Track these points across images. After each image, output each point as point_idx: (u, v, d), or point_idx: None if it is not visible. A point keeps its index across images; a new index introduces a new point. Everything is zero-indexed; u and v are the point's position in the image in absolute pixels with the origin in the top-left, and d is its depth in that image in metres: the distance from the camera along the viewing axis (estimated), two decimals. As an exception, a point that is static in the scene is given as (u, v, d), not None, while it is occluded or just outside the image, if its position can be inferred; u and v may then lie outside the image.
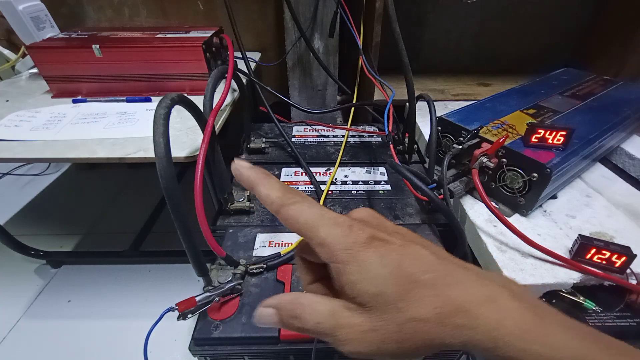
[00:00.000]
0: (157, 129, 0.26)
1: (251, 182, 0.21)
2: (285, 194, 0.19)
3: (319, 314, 0.17)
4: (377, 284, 0.16)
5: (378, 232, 0.18)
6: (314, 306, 0.17)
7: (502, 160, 0.39)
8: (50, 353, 0.55)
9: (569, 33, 0.78)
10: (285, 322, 0.18)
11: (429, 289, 0.16)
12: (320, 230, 0.17)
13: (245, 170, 0.22)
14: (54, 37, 0.58)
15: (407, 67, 0.44)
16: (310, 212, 0.18)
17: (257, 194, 0.20)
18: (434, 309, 0.15)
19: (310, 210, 0.18)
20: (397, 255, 0.17)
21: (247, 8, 0.68)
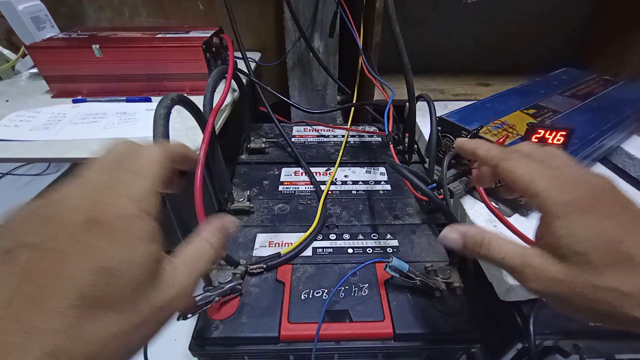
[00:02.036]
0: (157, 129, 0.26)
1: (472, 148, 0.25)
2: (504, 151, 0.23)
3: (507, 252, 0.20)
4: (585, 246, 0.17)
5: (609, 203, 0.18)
6: (503, 244, 0.21)
7: (502, 160, 0.39)
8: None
9: (569, 33, 0.78)
10: (469, 247, 0.22)
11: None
12: (537, 183, 0.20)
13: (465, 142, 0.26)
14: (54, 37, 0.58)
15: (407, 67, 0.44)
16: (527, 166, 0.21)
17: (478, 156, 0.24)
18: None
19: (528, 164, 0.21)
20: (619, 232, 0.17)
21: (247, 8, 0.68)
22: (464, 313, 0.34)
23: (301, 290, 0.36)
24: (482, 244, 0.21)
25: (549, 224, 0.19)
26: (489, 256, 0.21)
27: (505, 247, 0.20)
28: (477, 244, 0.21)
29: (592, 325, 0.32)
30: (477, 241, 0.21)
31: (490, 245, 0.21)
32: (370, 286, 0.36)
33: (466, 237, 0.22)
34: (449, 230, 0.23)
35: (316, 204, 0.46)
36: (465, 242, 0.22)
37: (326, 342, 0.32)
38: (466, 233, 0.22)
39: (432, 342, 0.33)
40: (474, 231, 0.22)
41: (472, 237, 0.22)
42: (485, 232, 0.21)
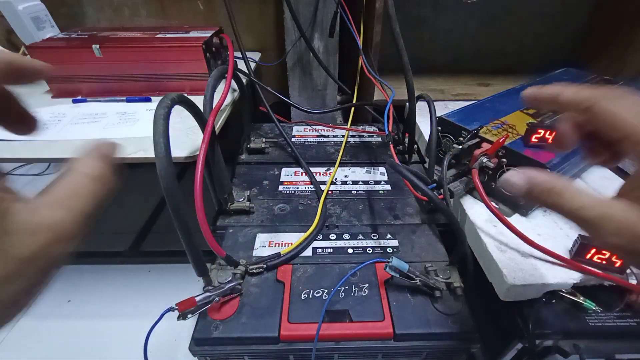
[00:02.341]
0: (157, 129, 0.26)
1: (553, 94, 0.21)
2: (599, 89, 0.19)
3: (584, 201, 0.18)
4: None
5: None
6: (580, 193, 0.18)
7: (502, 160, 0.39)
8: (50, 353, 0.55)
9: (569, 33, 0.78)
10: (534, 194, 0.19)
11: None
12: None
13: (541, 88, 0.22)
14: (54, 37, 0.58)
15: (407, 67, 0.44)
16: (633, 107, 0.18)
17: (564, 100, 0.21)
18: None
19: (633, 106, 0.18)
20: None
21: (247, 8, 0.68)
22: (464, 313, 0.34)
23: (301, 290, 0.36)
24: (553, 191, 0.18)
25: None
26: (560, 206, 0.18)
27: (581, 196, 0.18)
28: (545, 191, 0.19)
29: (592, 324, 0.32)
30: (547, 188, 0.19)
31: (563, 194, 0.18)
32: (370, 286, 0.36)
33: (533, 182, 0.19)
34: (513, 174, 0.20)
35: (316, 204, 0.46)
36: (532, 188, 0.19)
37: (326, 342, 0.32)
38: (534, 178, 0.19)
39: (432, 342, 0.33)
40: (543, 176, 0.19)
41: (540, 183, 0.19)
42: (557, 178, 0.19)
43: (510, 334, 0.34)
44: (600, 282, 0.33)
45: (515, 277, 0.32)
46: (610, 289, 0.33)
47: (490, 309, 0.38)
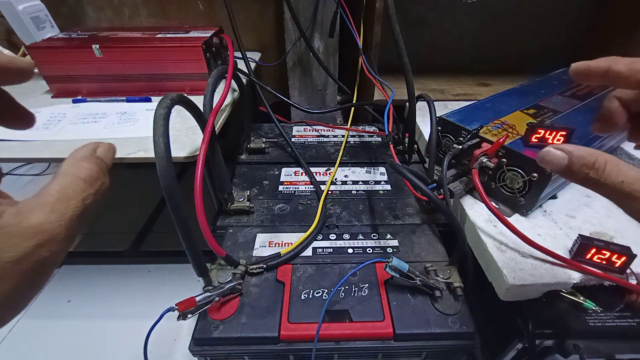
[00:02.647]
0: (157, 129, 0.26)
1: (604, 66, 0.20)
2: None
3: (627, 176, 0.17)
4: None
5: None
6: (622, 167, 0.18)
7: (502, 160, 0.39)
8: (50, 353, 0.55)
9: (569, 33, 0.78)
10: (574, 168, 0.19)
11: None
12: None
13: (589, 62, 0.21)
14: (54, 37, 0.58)
15: (407, 67, 0.44)
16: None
17: (616, 72, 0.20)
18: None
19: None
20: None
21: (247, 8, 0.68)
22: (464, 313, 0.34)
23: (301, 290, 0.36)
24: (594, 165, 0.18)
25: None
26: (601, 180, 0.18)
27: (624, 170, 0.18)
28: (586, 165, 0.18)
29: (592, 324, 0.32)
30: (588, 162, 0.18)
31: (605, 167, 0.18)
32: (370, 286, 0.36)
33: (573, 156, 0.19)
34: (551, 149, 0.20)
35: (316, 204, 0.46)
36: (572, 162, 0.19)
37: (326, 342, 0.32)
38: (574, 152, 0.19)
39: (432, 342, 0.33)
40: (584, 151, 0.19)
41: (581, 157, 0.19)
42: (599, 152, 0.18)
43: (510, 334, 0.34)
44: (600, 282, 0.33)
45: (515, 277, 0.32)
46: (610, 289, 0.33)
47: (490, 309, 0.38)
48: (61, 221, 0.14)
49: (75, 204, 0.15)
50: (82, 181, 0.16)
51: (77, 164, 0.16)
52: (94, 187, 0.16)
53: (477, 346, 0.33)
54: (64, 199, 0.15)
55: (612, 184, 0.18)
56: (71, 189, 0.15)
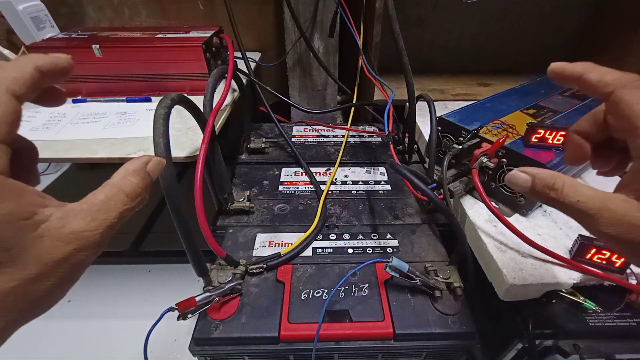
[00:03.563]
0: (157, 129, 0.26)
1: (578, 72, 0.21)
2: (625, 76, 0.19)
3: (583, 195, 0.19)
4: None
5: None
6: (578, 187, 0.19)
7: (502, 160, 0.39)
8: (50, 353, 0.55)
9: (569, 33, 0.78)
10: (537, 190, 0.21)
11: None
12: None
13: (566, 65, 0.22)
14: (54, 37, 0.58)
15: (407, 67, 0.44)
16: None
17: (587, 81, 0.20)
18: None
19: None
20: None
21: (247, 8, 0.68)
22: (464, 313, 0.34)
23: (301, 290, 0.36)
24: (554, 186, 0.20)
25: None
26: (560, 200, 0.20)
27: (580, 190, 0.19)
28: (547, 187, 0.20)
29: (592, 324, 0.32)
30: (548, 184, 0.20)
31: (563, 188, 0.20)
32: (370, 286, 0.36)
33: (536, 178, 0.21)
34: (518, 171, 0.22)
35: (316, 204, 0.46)
36: (535, 184, 0.21)
37: (326, 342, 0.32)
38: (537, 175, 0.21)
39: (432, 342, 0.33)
40: (545, 173, 0.21)
41: (542, 179, 0.21)
42: (559, 175, 0.20)
43: (510, 334, 0.34)
44: (600, 282, 0.33)
45: (515, 277, 0.32)
46: (610, 289, 0.33)
47: (490, 308, 0.38)
48: (98, 230, 0.15)
49: (114, 215, 0.16)
50: (125, 195, 0.17)
51: (126, 178, 0.17)
52: (133, 202, 0.17)
53: (477, 346, 0.33)
54: (105, 209, 0.16)
55: (569, 203, 0.19)
56: (114, 201, 0.16)
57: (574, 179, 0.20)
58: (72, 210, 0.15)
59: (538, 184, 0.21)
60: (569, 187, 0.19)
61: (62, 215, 0.15)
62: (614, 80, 0.19)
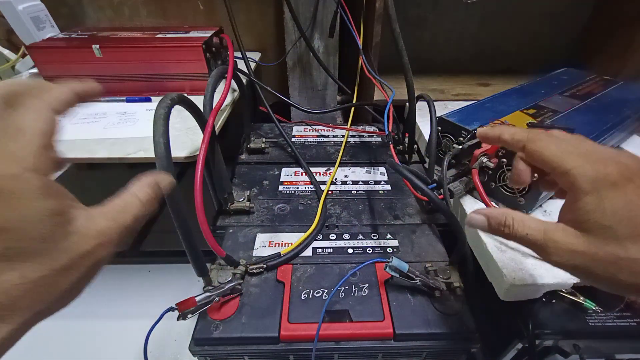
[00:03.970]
0: (157, 129, 0.26)
1: (496, 135, 0.26)
2: (530, 132, 0.23)
3: (530, 228, 0.21)
4: (611, 219, 0.18)
5: (638, 181, 0.19)
6: (525, 221, 0.22)
7: (502, 160, 0.39)
8: (50, 353, 0.55)
9: (569, 33, 0.78)
10: (493, 228, 0.23)
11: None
12: (567, 161, 0.20)
13: (487, 130, 0.27)
14: (54, 37, 0.58)
15: (407, 67, 0.44)
16: (557, 145, 0.21)
17: (503, 140, 0.25)
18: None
19: (557, 144, 0.21)
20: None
21: (247, 8, 0.68)
22: (464, 313, 0.34)
23: (301, 290, 0.36)
24: (506, 223, 0.22)
25: (577, 200, 0.20)
26: (512, 235, 0.22)
27: (527, 223, 0.21)
28: (500, 224, 0.23)
29: (592, 324, 0.32)
30: (501, 221, 0.23)
31: (513, 224, 0.22)
32: (370, 286, 0.36)
33: (490, 218, 0.23)
34: (474, 214, 0.25)
35: (316, 204, 0.46)
36: (490, 223, 0.23)
37: (326, 342, 0.32)
38: (490, 215, 0.23)
39: (432, 342, 0.33)
40: (496, 212, 0.23)
41: (495, 218, 0.23)
42: (507, 212, 0.23)
43: (510, 334, 0.34)
44: (600, 282, 0.33)
45: (515, 277, 0.32)
46: (610, 289, 0.33)
47: (490, 309, 0.38)
48: (118, 229, 0.18)
49: (130, 218, 0.18)
50: (140, 202, 0.19)
51: (142, 188, 0.20)
52: (146, 209, 0.20)
53: (477, 346, 0.33)
54: (123, 212, 0.18)
55: (520, 236, 0.22)
56: (131, 206, 0.19)
57: (522, 214, 0.22)
58: (96, 212, 0.18)
59: (492, 222, 0.23)
60: (517, 222, 0.22)
61: (89, 216, 0.17)
62: (522, 137, 0.23)
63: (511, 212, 0.23)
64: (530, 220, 0.22)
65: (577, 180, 0.20)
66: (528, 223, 0.22)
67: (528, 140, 0.23)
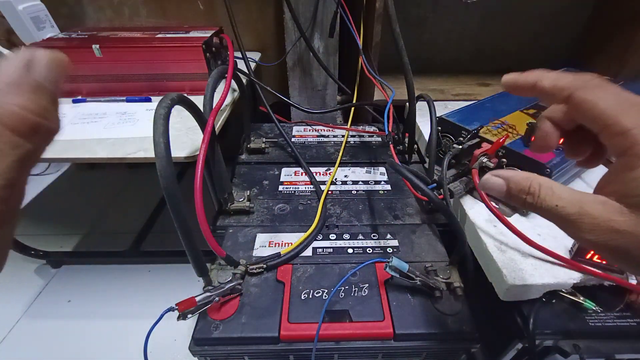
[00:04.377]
0: (157, 129, 0.26)
1: (531, 81, 0.20)
2: (578, 78, 0.18)
3: (561, 199, 0.17)
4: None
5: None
6: (555, 190, 0.18)
7: (502, 160, 0.39)
8: (50, 353, 0.55)
9: (569, 33, 0.78)
10: (513, 195, 0.19)
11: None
12: (626, 119, 0.16)
13: (518, 75, 0.22)
14: (54, 37, 0.58)
15: (407, 67, 0.44)
16: (615, 98, 0.17)
17: (542, 88, 0.20)
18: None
19: (615, 96, 0.17)
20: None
21: (247, 8, 0.68)
22: (464, 313, 0.34)
23: (301, 290, 0.36)
24: (530, 190, 0.19)
25: (631, 169, 0.16)
26: (537, 205, 0.18)
27: (558, 193, 0.18)
28: (523, 191, 0.19)
29: (592, 324, 0.32)
30: (524, 187, 0.19)
31: (540, 192, 0.18)
32: (370, 286, 0.36)
33: (511, 182, 0.20)
34: (491, 175, 0.20)
35: (316, 204, 0.46)
36: (510, 188, 0.20)
37: (326, 342, 0.32)
38: (511, 178, 0.20)
39: (432, 342, 0.33)
40: (520, 176, 0.19)
41: (517, 183, 0.19)
42: (532, 177, 0.19)
43: (510, 334, 0.34)
44: (600, 282, 0.33)
45: (515, 277, 0.32)
46: (610, 289, 0.33)
47: (490, 309, 0.38)
48: None
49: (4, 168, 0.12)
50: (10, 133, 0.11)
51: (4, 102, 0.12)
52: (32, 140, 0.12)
53: (477, 346, 0.33)
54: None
55: (547, 207, 0.18)
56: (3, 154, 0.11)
57: (550, 181, 0.19)
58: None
59: (513, 187, 0.20)
60: (545, 189, 0.18)
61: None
62: (568, 84, 0.19)
63: (538, 177, 0.19)
64: (562, 189, 0.18)
65: (637, 145, 0.16)
66: (559, 192, 0.18)
67: (577, 88, 0.18)
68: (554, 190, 0.18)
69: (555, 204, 0.18)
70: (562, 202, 0.17)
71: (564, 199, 0.17)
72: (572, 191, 0.18)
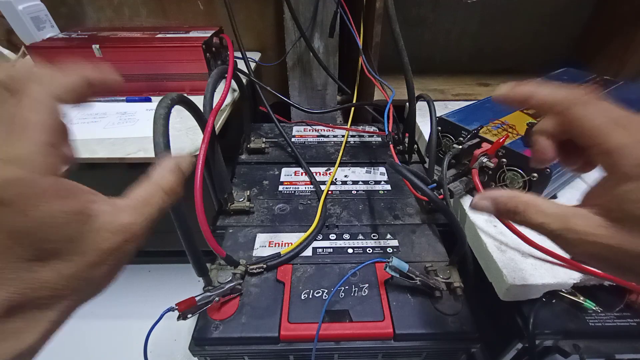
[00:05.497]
0: (157, 129, 0.26)
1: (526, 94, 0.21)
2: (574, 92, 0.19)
3: (546, 215, 0.18)
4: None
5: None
6: (540, 207, 0.18)
7: (502, 160, 0.39)
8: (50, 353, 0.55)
9: (569, 33, 0.78)
10: (502, 213, 0.20)
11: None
12: (615, 138, 0.17)
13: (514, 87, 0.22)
14: (54, 37, 0.58)
15: (407, 67, 0.44)
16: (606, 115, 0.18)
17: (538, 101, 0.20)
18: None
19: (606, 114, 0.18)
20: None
21: (247, 8, 0.68)
22: (464, 313, 0.34)
23: (301, 290, 0.36)
24: (517, 210, 0.19)
25: (616, 185, 0.16)
26: (525, 223, 0.19)
27: (542, 209, 0.18)
28: (510, 211, 0.20)
29: (592, 324, 0.32)
30: (510, 208, 0.19)
31: (526, 211, 0.19)
32: (370, 286, 0.36)
33: (497, 203, 0.20)
34: (479, 198, 0.21)
35: (316, 204, 0.46)
36: (498, 209, 0.20)
37: (326, 342, 0.32)
38: (497, 199, 0.20)
39: (432, 342, 0.33)
40: (505, 197, 0.20)
41: (504, 204, 0.20)
42: (517, 196, 0.20)
43: (510, 334, 0.34)
44: (600, 282, 0.33)
45: (515, 277, 0.32)
46: (610, 289, 0.33)
47: (490, 309, 0.38)
48: (143, 223, 0.17)
49: (155, 210, 0.18)
50: (163, 192, 0.18)
51: (164, 175, 0.19)
52: (170, 198, 0.19)
53: (477, 346, 0.33)
54: (147, 204, 0.18)
55: (534, 225, 0.19)
56: (154, 197, 0.18)
57: (535, 198, 0.19)
58: (120, 206, 0.17)
59: (501, 208, 0.20)
60: (531, 208, 0.19)
61: (112, 210, 0.16)
62: (564, 98, 0.19)
63: (522, 196, 0.19)
64: (547, 205, 0.18)
65: (622, 163, 0.16)
66: (543, 209, 0.18)
67: (572, 104, 0.18)
68: (538, 208, 0.19)
69: (541, 221, 0.18)
70: (547, 218, 0.18)
71: (549, 216, 0.18)
72: (557, 206, 0.18)
